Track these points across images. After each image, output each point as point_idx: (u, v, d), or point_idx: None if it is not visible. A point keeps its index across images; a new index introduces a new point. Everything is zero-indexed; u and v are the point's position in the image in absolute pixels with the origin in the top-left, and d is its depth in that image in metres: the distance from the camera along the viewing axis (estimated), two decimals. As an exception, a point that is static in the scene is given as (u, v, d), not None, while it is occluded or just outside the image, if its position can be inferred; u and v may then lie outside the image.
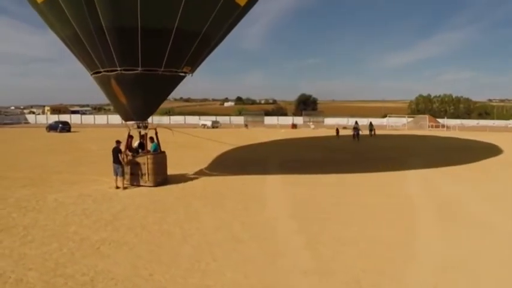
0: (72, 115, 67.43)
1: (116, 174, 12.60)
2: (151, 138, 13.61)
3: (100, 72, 12.70)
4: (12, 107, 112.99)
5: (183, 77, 13.40)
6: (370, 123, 38.75)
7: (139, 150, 13.58)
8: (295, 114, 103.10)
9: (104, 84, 13.09)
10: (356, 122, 35.30)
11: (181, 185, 13.42)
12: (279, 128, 50.98)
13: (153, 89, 12.74)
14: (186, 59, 12.63)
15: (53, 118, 60.81)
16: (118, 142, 13.09)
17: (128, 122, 13.62)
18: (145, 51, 11.79)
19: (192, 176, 15.02)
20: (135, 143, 14.16)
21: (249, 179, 14.65)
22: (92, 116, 67.65)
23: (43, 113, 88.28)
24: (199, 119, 56.14)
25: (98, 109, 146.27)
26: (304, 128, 51.58)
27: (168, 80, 12.94)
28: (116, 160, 12.57)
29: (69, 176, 15.06)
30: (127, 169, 12.96)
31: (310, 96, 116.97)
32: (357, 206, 10.85)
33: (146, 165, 12.89)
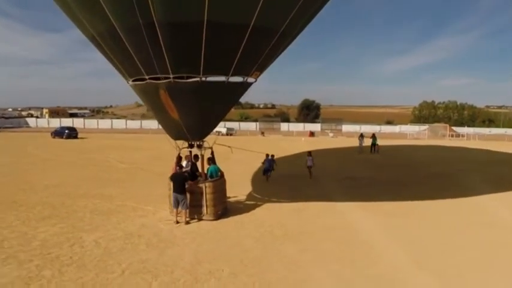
0: (75, 119, 64.44)
1: (177, 207, 9.90)
2: (209, 160, 10.92)
3: (144, 79, 9.91)
4: (10, 109, 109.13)
5: (250, 85, 10.71)
6: (373, 135, 31.16)
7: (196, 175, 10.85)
8: (297, 119, 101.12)
9: (149, 94, 10.32)
10: (361, 135, 31.70)
11: (245, 217, 10.80)
12: (295, 135, 48.37)
13: (215, 102, 10.02)
14: (259, 63, 9.96)
15: (53, 122, 57.94)
16: (180, 166, 10.42)
17: (178, 141, 10.81)
18: (210, 54, 9.03)
19: (250, 203, 12.40)
20: (183, 163, 11.49)
21: (318, 207, 12.16)
22: (95, 120, 64.32)
23: (41, 115, 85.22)
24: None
25: (97, 112, 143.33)
26: (322, 136, 48.93)
27: (234, 89, 10.27)
28: (180, 189, 9.87)
29: (99, 202, 12.31)
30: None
31: (313, 101, 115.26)
32: (472, 245, 9.05)
33: (204, 195, 10.21)
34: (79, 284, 6.63)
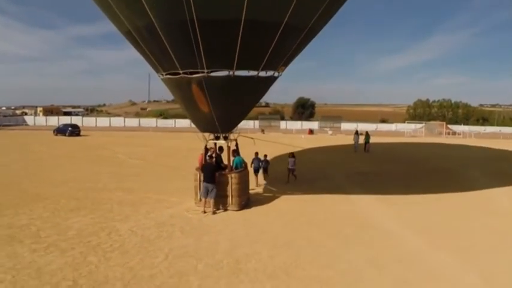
0: (73, 117, 64.19)
1: (206, 197, 10.27)
2: (234, 152, 11.32)
3: (178, 73, 10.26)
4: (4, 107, 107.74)
5: (276, 79, 11.14)
6: (367, 133, 29.72)
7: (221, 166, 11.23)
8: (292, 117, 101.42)
9: (181, 88, 10.67)
10: (356, 132, 30.36)
11: (267, 207, 11.32)
12: (295, 133, 48.82)
13: (245, 96, 10.50)
14: (286, 58, 10.40)
15: (51, 120, 57.69)
16: (210, 157, 10.78)
17: (205, 133, 11.19)
18: (244, 50, 9.43)
19: (268, 195, 12.85)
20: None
21: (333, 198, 12.72)
22: (93, 118, 64.12)
23: (35, 113, 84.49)
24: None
25: (91, 110, 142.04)
26: (321, 133, 49.44)
27: (262, 83, 10.71)
28: (210, 179, 10.24)
29: (122, 194, 12.64)
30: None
31: (308, 99, 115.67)
32: (479, 229, 9.85)
33: (230, 186, 10.61)
34: (127, 268, 6.98)
